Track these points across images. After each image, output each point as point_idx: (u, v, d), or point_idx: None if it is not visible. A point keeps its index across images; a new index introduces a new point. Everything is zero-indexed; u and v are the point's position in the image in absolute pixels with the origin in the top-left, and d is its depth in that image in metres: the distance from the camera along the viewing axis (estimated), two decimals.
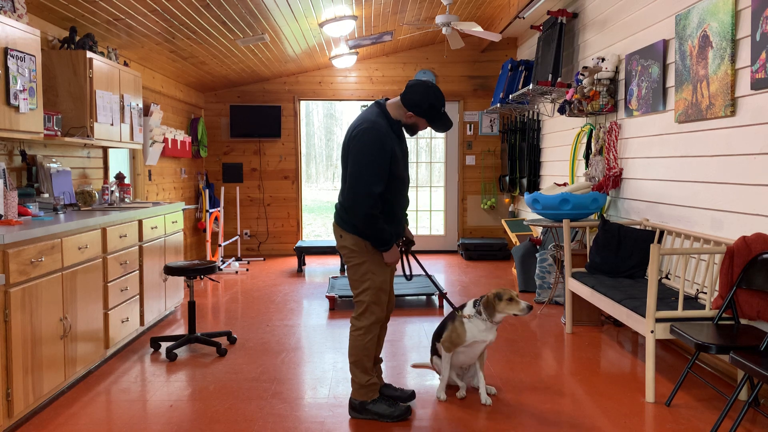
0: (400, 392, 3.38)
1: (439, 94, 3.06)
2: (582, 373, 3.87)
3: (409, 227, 3.44)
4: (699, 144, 3.99)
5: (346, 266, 3.23)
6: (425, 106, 3.04)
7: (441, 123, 3.11)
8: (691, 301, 3.73)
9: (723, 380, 3.70)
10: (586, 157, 5.82)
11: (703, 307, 3.62)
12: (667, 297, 3.80)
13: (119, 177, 5.44)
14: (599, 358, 4.18)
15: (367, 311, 3.17)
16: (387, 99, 3.18)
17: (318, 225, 16.97)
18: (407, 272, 3.59)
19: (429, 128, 9.60)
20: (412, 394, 3.39)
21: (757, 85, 3.34)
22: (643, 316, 3.47)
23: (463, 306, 3.50)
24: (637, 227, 4.58)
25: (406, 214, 3.41)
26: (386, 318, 3.35)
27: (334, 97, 9.13)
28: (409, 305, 5.81)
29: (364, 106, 9.45)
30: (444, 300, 3.52)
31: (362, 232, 3.06)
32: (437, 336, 3.57)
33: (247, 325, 5.15)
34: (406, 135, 3.88)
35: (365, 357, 3.19)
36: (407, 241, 3.39)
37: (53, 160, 4.73)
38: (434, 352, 3.65)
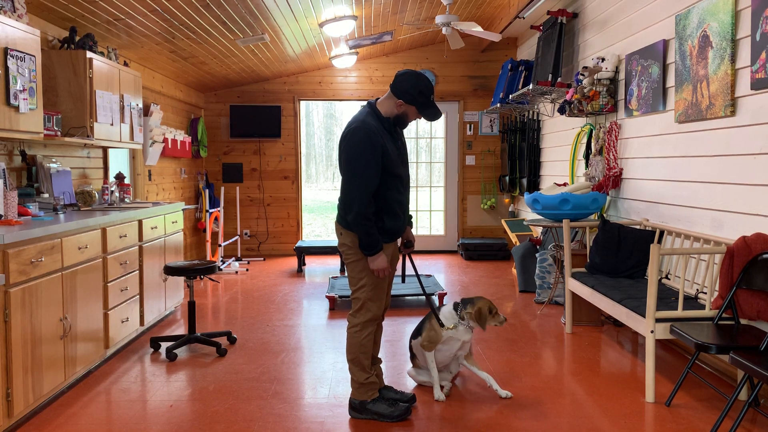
0: (400, 395, 3.38)
1: (427, 82, 3.08)
2: (582, 373, 3.87)
3: (411, 228, 3.45)
4: (699, 144, 3.99)
5: (345, 264, 3.24)
6: (415, 93, 3.06)
7: (430, 111, 3.13)
8: (691, 301, 3.73)
9: (723, 380, 3.70)
10: (586, 157, 5.82)
11: (703, 307, 3.62)
12: (667, 297, 3.80)
13: (119, 177, 5.44)
14: (599, 358, 4.18)
15: (363, 308, 3.19)
16: (378, 99, 3.20)
17: (318, 225, 16.97)
18: (407, 273, 3.59)
19: (423, 123, 9.61)
20: (412, 398, 3.38)
21: (757, 85, 3.34)
22: (643, 316, 3.47)
23: (441, 307, 3.62)
24: (637, 227, 4.58)
25: (410, 215, 3.42)
26: (381, 317, 3.35)
27: (334, 97, 9.13)
28: (408, 305, 5.81)
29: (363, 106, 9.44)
30: (430, 307, 3.57)
31: (355, 231, 3.09)
32: (415, 338, 3.66)
33: (247, 325, 5.15)
34: (405, 133, 3.84)
35: (362, 354, 3.20)
36: (407, 243, 3.39)
37: (53, 160, 4.73)
38: (413, 356, 3.73)
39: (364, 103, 3.62)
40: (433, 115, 3.14)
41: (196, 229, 8.47)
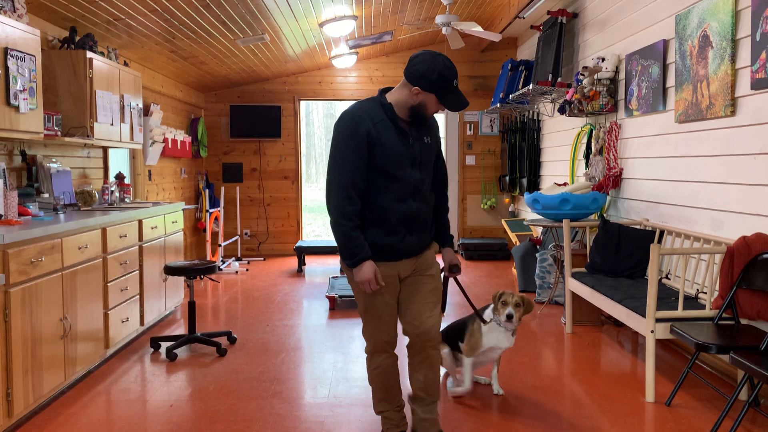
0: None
1: (449, 63, 2.51)
2: (582, 373, 3.87)
3: (452, 248, 2.90)
4: (699, 144, 3.99)
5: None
6: (433, 77, 2.49)
7: (453, 98, 2.54)
8: (691, 301, 3.73)
9: (723, 380, 3.70)
10: (586, 157, 5.82)
11: (703, 307, 3.62)
12: (667, 297, 3.80)
13: (119, 177, 5.44)
14: (599, 358, 4.18)
15: (365, 335, 2.76)
16: (391, 88, 2.67)
17: (318, 225, 16.97)
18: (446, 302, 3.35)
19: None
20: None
21: (757, 85, 3.34)
22: (643, 316, 3.47)
23: (484, 308, 3.44)
24: (637, 227, 4.58)
25: (451, 235, 2.89)
26: (414, 345, 2.68)
27: (334, 97, 9.13)
28: None
29: None
30: (477, 316, 3.33)
31: (334, 235, 2.58)
32: (456, 332, 3.47)
33: (247, 325, 5.15)
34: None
35: (374, 387, 2.82)
36: (452, 266, 2.86)
37: (53, 160, 4.73)
38: (450, 343, 3.51)
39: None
40: (456, 103, 2.55)
41: (196, 229, 8.47)
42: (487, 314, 3.38)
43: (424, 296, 2.69)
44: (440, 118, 9.44)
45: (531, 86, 6.41)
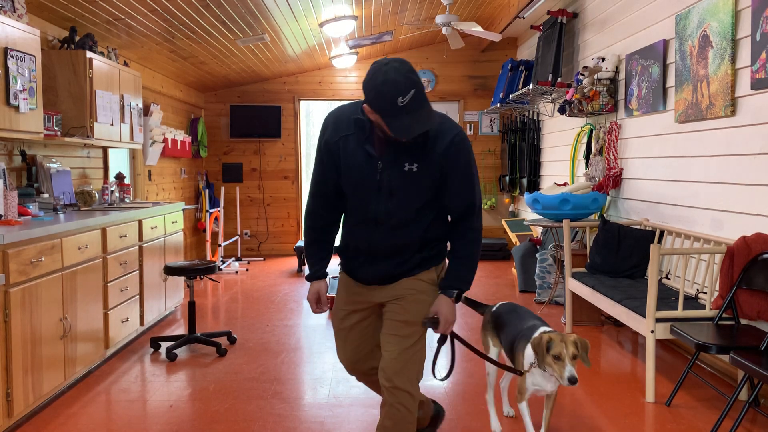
0: None
1: (394, 74, 1.90)
2: (582, 373, 3.87)
3: (450, 297, 2.27)
4: (699, 144, 3.99)
5: None
6: (371, 94, 1.94)
7: (397, 122, 1.93)
8: (691, 301, 3.73)
9: (723, 380, 3.70)
10: (586, 157, 5.82)
11: (703, 307, 3.62)
12: (667, 297, 3.80)
13: (119, 177, 5.44)
14: (599, 358, 4.18)
15: None
16: None
17: None
18: (442, 368, 3.03)
19: None
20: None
21: (757, 85, 3.34)
22: (643, 316, 3.47)
23: (532, 325, 2.75)
24: (637, 227, 4.58)
25: (455, 283, 2.28)
26: (355, 371, 2.42)
27: (334, 97, 9.13)
28: None
29: None
30: (505, 368, 2.74)
31: None
32: (507, 331, 2.87)
33: (247, 325, 5.15)
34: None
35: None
36: (432, 319, 2.26)
37: (53, 160, 4.73)
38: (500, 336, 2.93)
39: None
40: (401, 129, 1.93)
41: (196, 229, 8.47)
42: (526, 364, 2.68)
43: (390, 327, 2.25)
44: None
45: (531, 86, 6.41)
